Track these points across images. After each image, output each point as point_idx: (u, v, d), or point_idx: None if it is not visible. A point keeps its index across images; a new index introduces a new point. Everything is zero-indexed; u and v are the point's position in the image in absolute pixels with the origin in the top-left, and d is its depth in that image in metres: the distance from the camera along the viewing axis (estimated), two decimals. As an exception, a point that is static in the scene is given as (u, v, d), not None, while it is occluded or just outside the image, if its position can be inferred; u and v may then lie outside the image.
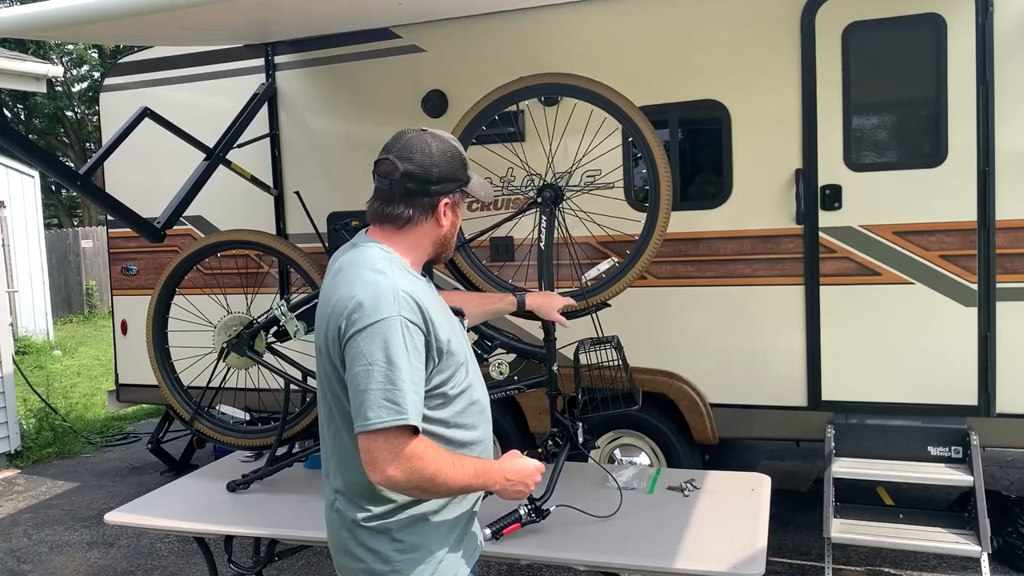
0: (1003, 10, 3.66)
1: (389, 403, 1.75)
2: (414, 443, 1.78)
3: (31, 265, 12.67)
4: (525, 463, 2.02)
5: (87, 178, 3.96)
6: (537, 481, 2.04)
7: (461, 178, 1.98)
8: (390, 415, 1.75)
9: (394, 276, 1.86)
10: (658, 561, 2.57)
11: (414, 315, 1.82)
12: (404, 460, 1.77)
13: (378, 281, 1.83)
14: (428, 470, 1.79)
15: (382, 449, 1.77)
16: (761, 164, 4.07)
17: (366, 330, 1.78)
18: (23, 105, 22.83)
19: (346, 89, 4.86)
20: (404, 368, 1.77)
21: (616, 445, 4.47)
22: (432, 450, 1.82)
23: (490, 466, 1.95)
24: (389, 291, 1.81)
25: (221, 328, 3.60)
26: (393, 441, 1.76)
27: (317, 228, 3.83)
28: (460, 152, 1.99)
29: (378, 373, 1.76)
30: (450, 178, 1.96)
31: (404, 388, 1.76)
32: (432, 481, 1.80)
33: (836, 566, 3.90)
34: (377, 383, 1.76)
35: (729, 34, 4.07)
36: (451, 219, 2.00)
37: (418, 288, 1.89)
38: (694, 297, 4.25)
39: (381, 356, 1.76)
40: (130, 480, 6.22)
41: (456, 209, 2.01)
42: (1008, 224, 3.71)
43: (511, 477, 1.98)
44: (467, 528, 2.05)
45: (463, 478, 1.86)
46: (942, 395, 3.86)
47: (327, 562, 4.50)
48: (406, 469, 1.77)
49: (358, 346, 1.78)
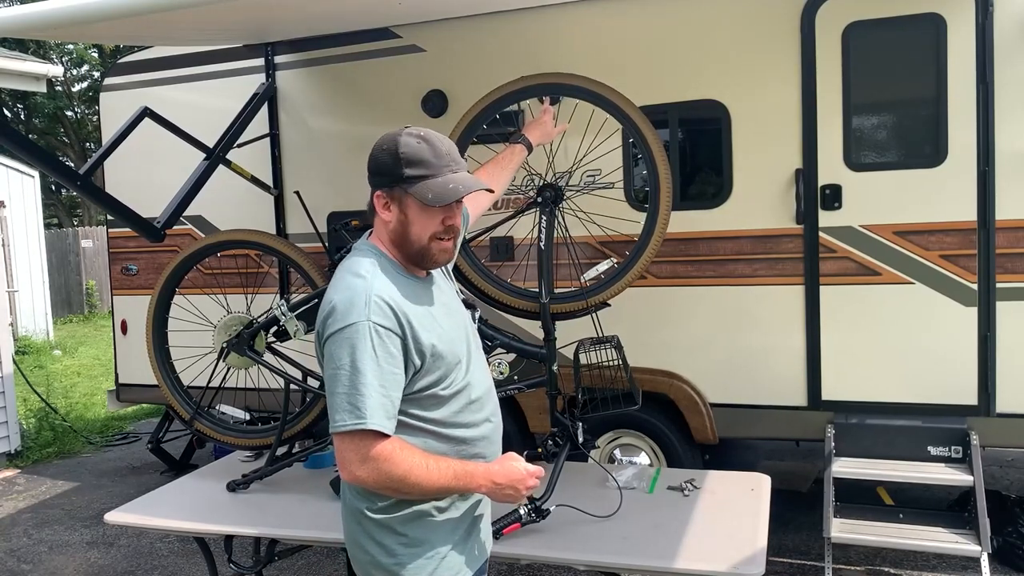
0: (1003, 10, 3.66)
1: (352, 407, 1.80)
2: (381, 445, 1.81)
3: (31, 265, 12.67)
4: (515, 467, 1.98)
5: (87, 178, 3.96)
6: (530, 486, 1.99)
7: (392, 174, 1.91)
8: (352, 419, 1.80)
9: (373, 281, 1.87)
10: (658, 561, 2.57)
11: (386, 320, 1.84)
12: (371, 461, 1.81)
13: (355, 286, 1.87)
14: (396, 471, 1.82)
15: (349, 450, 1.82)
16: (761, 164, 4.07)
17: (336, 335, 1.84)
18: (23, 105, 22.82)
19: (346, 89, 4.86)
20: (368, 373, 1.80)
21: (616, 445, 4.47)
22: (403, 452, 1.84)
23: (474, 469, 1.93)
24: (362, 296, 1.84)
25: (221, 328, 3.60)
26: (359, 443, 1.81)
27: (317, 228, 3.82)
28: (396, 148, 1.90)
29: (344, 377, 1.81)
30: (378, 171, 1.95)
31: (366, 392, 1.79)
32: (403, 481, 1.83)
33: (836, 566, 3.90)
34: (343, 387, 1.81)
35: (729, 34, 4.07)
36: (397, 216, 1.94)
37: (403, 291, 1.90)
38: (694, 297, 4.25)
39: (347, 361, 1.81)
40: (130, 480, 6.22)
41: (403, 207, 1.93)
42: (1008, 224, 3.71)
43: (499, 481, 1.94)
44: (473, 528, 2.06)
45: (440, 480, 1.87)
46: (942, 395, 3.85)
47: (327, 562, 4.50)
48: (373, 470, 1.81)
49: (330, 350, 1.85)
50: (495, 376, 3.39)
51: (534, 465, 2.02)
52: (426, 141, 1.93)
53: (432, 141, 1.94)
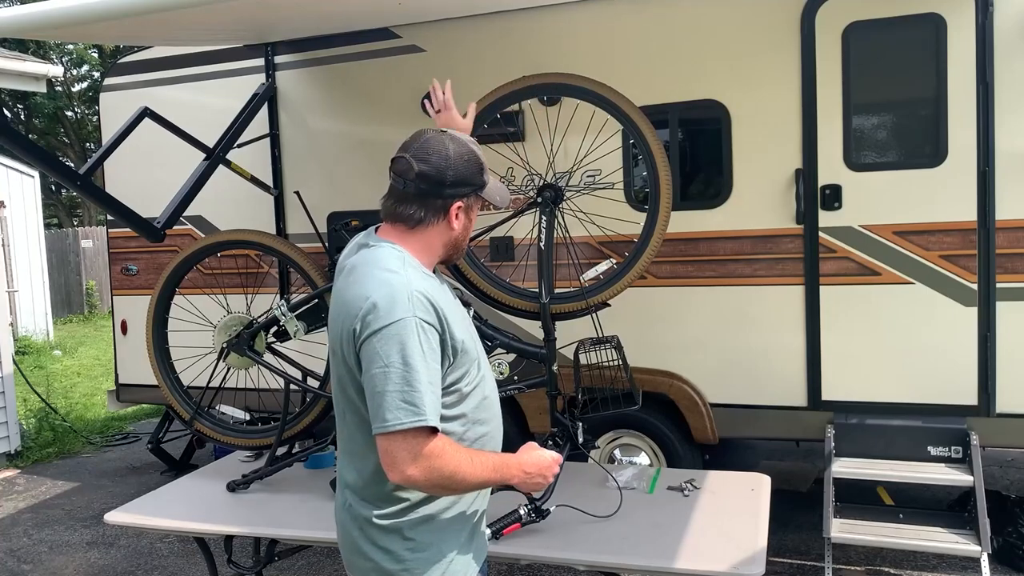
0: (1003, 10, 3.66)
1: (407, 404, 1.76)
2: (433, 442, 1.80)
3: (31, 265, 12.67)
4: (542, 455, 2.03)
5: (87, 178, 3.96)
6: (555, 472, 2.04)
7: (476, 182, 1.97)
8: (408, 416, 1.76)
9: (408, 275, 1.85)
10: (658, 561, 2.57)
11: (429, 315, 1.82)
12: (423, 459, 1.78)
13: (392, 281, 1.83)
14: (447, 468, 1.80)
15: (401, 450, 1.78)
16: (761, 164, 4.07)
17: (381, 332, 1.78)
18: (23, 105, 22.81)
19: (346, 89, 4.86)
20: (420, 369, 1.78)
21: (616, 445, 4.47)
22: (450, 448, 1.83)
23: (508, 460, 1.96)
24: (403, 291, 1.81)
25: (221, 328, 3.60)
26: (412, 441, 1.78)
27: (317, 228, 3.83)
28: (477, 156, 1.97)
29: (395, 375, 1.77)
30: (465, 182, 1.94)
31: (421, 389, 1.77)
32: (452, 478, 1.82)
33: (836, 566, 3.90)
34: (395, 385, 1.77)
35: (729, 34, 4.07)
36: (463, 222, 1.99)
37: (432, 287, 1.89)
38: (694, 297, 4.25)
39: (398, 358, 1.77)
40: (130, 480, 6.22)
41: (470, 213, 2.01)
42: (1008, 224, 3.71)
43: (529, 470, 1.97)
44: (477, 527, 2.06)
45: (482, 473, 1.87)
46: (942, 395, 3.86)
47: (327, 562, 4.50)
48: (425, 468, 1.78)
49: (374, 348, 1.79)
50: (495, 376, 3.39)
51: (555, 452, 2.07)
52: (478, 146, 2.01)
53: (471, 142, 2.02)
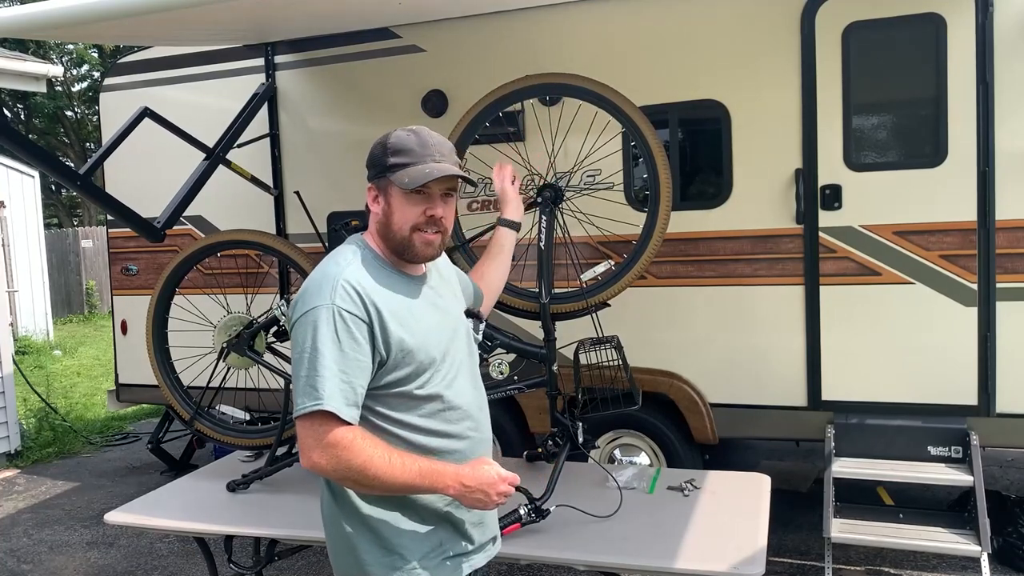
0: (1003, 10, 3.66)
1: (311, 388, 1.78)
2: (339, 431, 1.78)
3: (31, 265, 12.67)
4: (486, 470, 1.89)
5: (87, 178, 3.96)
6: (502, 492, 1.89)
7: (380, 164, 1.94)
8: (309, 400, 1.78)
9: (346, 268, 1.88)
10: (658, 561, 2.57)
11: (352, 305, 1.82)
12: (328, 447, 1.78)
13: (327, 271, 1.89)
14: (355, 461, 1.78)
15: (307, 435, 1.80)
16: (761, 164, 4.07)
17: (300, 319, 1.85)
18: (23, 105, 22.82)
19: (346, 89, 4.86)
20: (328, 355, 1.78)
21: (616, 445, 4.46)
22: (363, 442, 1.80)
23: (443, 468, 1.85)
24: (330, 282, 1.85)
25: (221, 328, 3.60)
26: (317, 427, 1.78)
27: (317, 228, 3.83)
28: (386, 139, 1.95)
29: (305, 360, 1.80)
30: (371, 164, 1.98)
31: (324, 374, 1.77)
32: (361, 473, 1.78)
33: (836, 566, 3.90)
34: (304, 370, 1.80)
35: (729, 34, 4.07)
36: (383, 208, 1.96)
37: (380, 281, 1.89)
38: (694, 297, 4.24)
39: (309, 343, 1.80)
40: (130, 480, 6.21)
41: (388, 198, 1.94)
42: (1008, 224, 3.71)
43: (468, 483, 1.85)
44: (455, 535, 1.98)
45: (402, 476, 1.80)
46: (942, 395, 3.85)
47: (327, 562, 4.48)
48: (331, 457, 1.78)
49: (294, 335, 1.86)
50: (495, 376, 3.39)
51: (507, 472, 1.93)
52: (415, 133, 1.96)
53: (421, 133, 1.96)
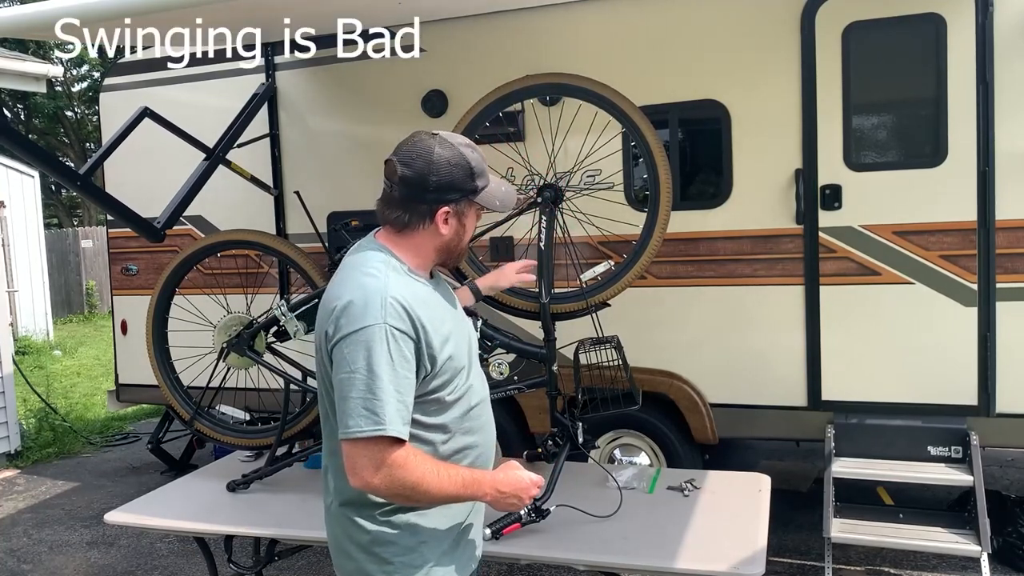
0: (1003, 10, 3.66)
1: (368, 412, 1.75)
2: (396, 452, 1.78)
3: (31, 265, 12.66)
4: (520, 475, 1.96)
5: (87, 178, 3.96)
6: (533, 495, 1.97)
7: (464, 188, 1.91)
8: (368, 425, 1.75)
9: (386, 280, 1.83)
10: (658, 561, 2.57)
11: (401, 322, 1.80)
12: (385, 468, 1.77)
13: (367, 285, 1.82)
14: (410, 478, 1.78)
15: (362, 456, 1.77)
16: (761, 164, 4.07)
17: (350, 337, 1.78)
18: (23, 105, 22.81)
19: (346, 89, 4.86)
20: (385, 377, 1.76)
21: (616, 445, 4.46)
22: (416, 458, 1.81)
23: (481, 477, 1.91)
24: (377, 297, 1.79)
25: (221, 328, 3.60)
26: (373, 449, 1.76)
27: (317, 228, 3.83)
28: (467, 162, 1.91)
29: (359, 382, 1.76)
30: (451, 187, 1.89)
31: (384, 398, 1.75)
32: (414, 489, 1.79)
33: (836, 566, 3.90)
34: (358, 391, 1.76)
35: (729, 34, 4.07)
36: (455, 228, 1.94)
37: (415, 293, 1.87)
38: (694, 297, 4.25)
39: (363, 364, 1.76)
40: (130, 480, 6.21)
41: (463, 218, 1.95)
42: (1008, 224, 3.71)
43: (503, 489, 1.91)
44: (464, 536, 2.03)
45: (449, 488, 1.84)
46: (942, 395, 3.85)
47: (327, 562, 4.48)
48: (386, 477, 1.77)
49: (342, 352, 1.79)
50: (495, 376, 3.40)
51: (535, 475, 2.00)
52: (475, 150, 1.95)
53: (477, 148, 1.96)
